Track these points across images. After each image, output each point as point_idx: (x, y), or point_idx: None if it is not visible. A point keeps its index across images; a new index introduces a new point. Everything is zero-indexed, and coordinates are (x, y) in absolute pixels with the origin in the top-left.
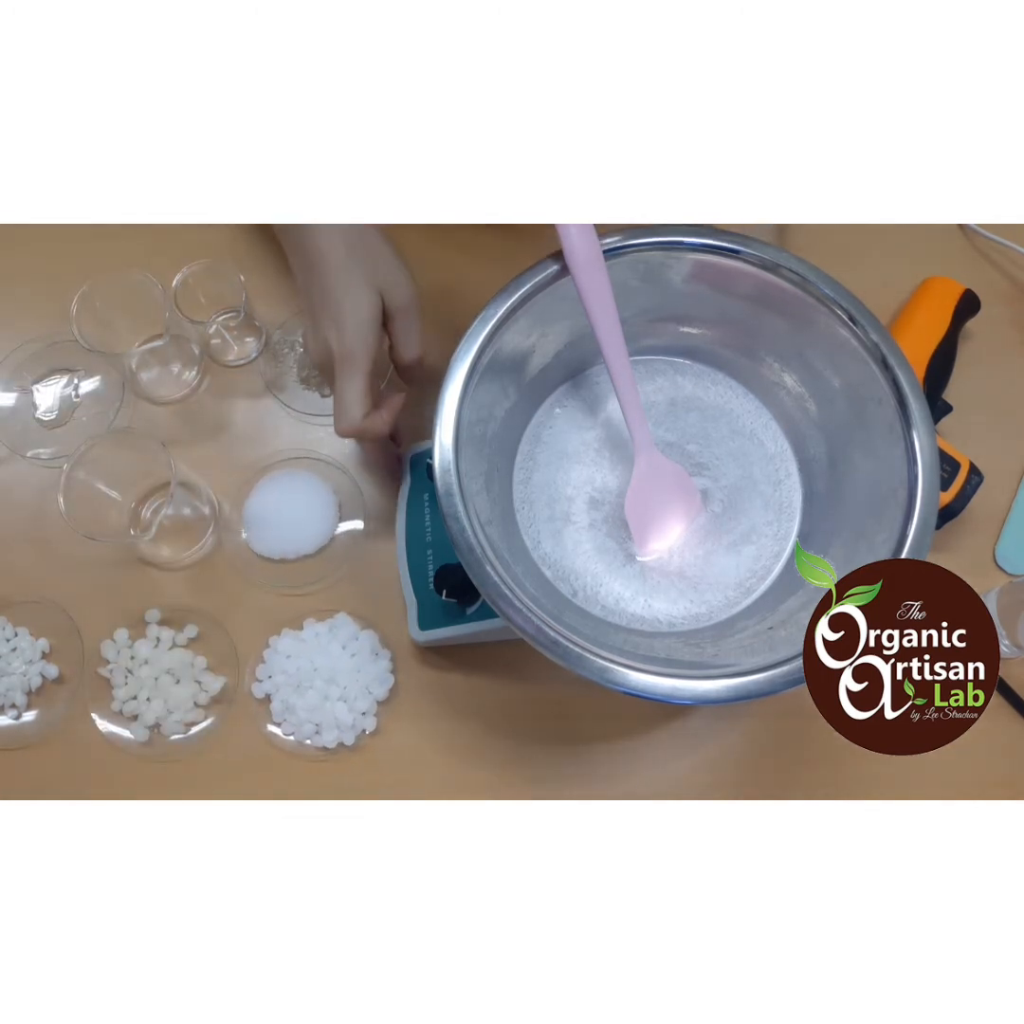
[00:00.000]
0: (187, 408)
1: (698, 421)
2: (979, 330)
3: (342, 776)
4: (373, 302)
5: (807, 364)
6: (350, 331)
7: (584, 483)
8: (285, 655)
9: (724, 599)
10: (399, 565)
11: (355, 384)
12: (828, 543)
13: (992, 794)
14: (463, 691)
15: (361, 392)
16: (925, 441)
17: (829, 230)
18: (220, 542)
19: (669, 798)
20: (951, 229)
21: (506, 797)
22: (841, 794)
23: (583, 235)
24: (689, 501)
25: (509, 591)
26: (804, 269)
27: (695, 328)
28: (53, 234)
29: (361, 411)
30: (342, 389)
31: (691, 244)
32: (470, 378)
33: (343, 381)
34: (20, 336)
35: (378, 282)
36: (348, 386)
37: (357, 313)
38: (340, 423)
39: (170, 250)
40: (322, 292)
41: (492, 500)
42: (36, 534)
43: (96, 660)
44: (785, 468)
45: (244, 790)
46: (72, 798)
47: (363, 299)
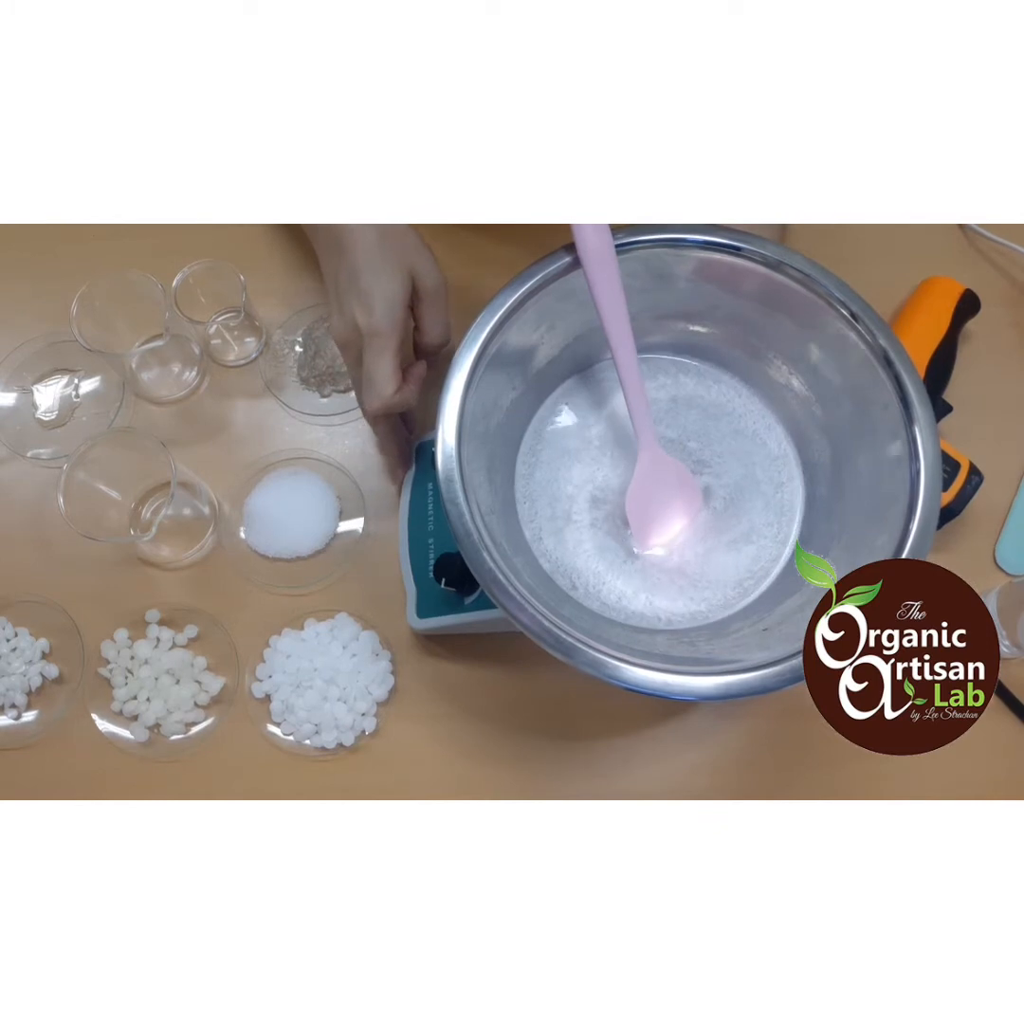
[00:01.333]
0: (187, 408)
1: (699, 419)
2: (979, 330)
3: (342, 776)
4: (404, 281)
5: (813, 366)
6: (380, 307)
7: (586, 481)
8: (285, 655)
9: (723, 598)
10: (400, 552)
11: (386, 359)
12: (829, 545)
13: (992, 794)
14: (463, 691)
15: (392, 367)
16: (928, 444)
17: (830, 230)
18: (220, 542)
19: (669, 797)
20: (951, 229)
21: (506, 797)
22: (841, 794)
23: (597, 232)
24: (690, 498)
25: (505, 579)
26: (810, 268)
27: (702, 326)
28: (53, 234)
29: (392, 387)
30: (373, 364)
31: (696, 241)
32: (476, 368)
33: (374, 356)
34: (20, 336)
35: (408, 264)
36: (379, 361)
37: (388, 290)
38: (372, 400)
39: (170, 250)
40: (351, 272)
41: (494, 492)
42: (36, 534)
43: (96, 660)
44: (788, 471)
45: (244, 790)
46: (72, 798)
47: (395, 277)
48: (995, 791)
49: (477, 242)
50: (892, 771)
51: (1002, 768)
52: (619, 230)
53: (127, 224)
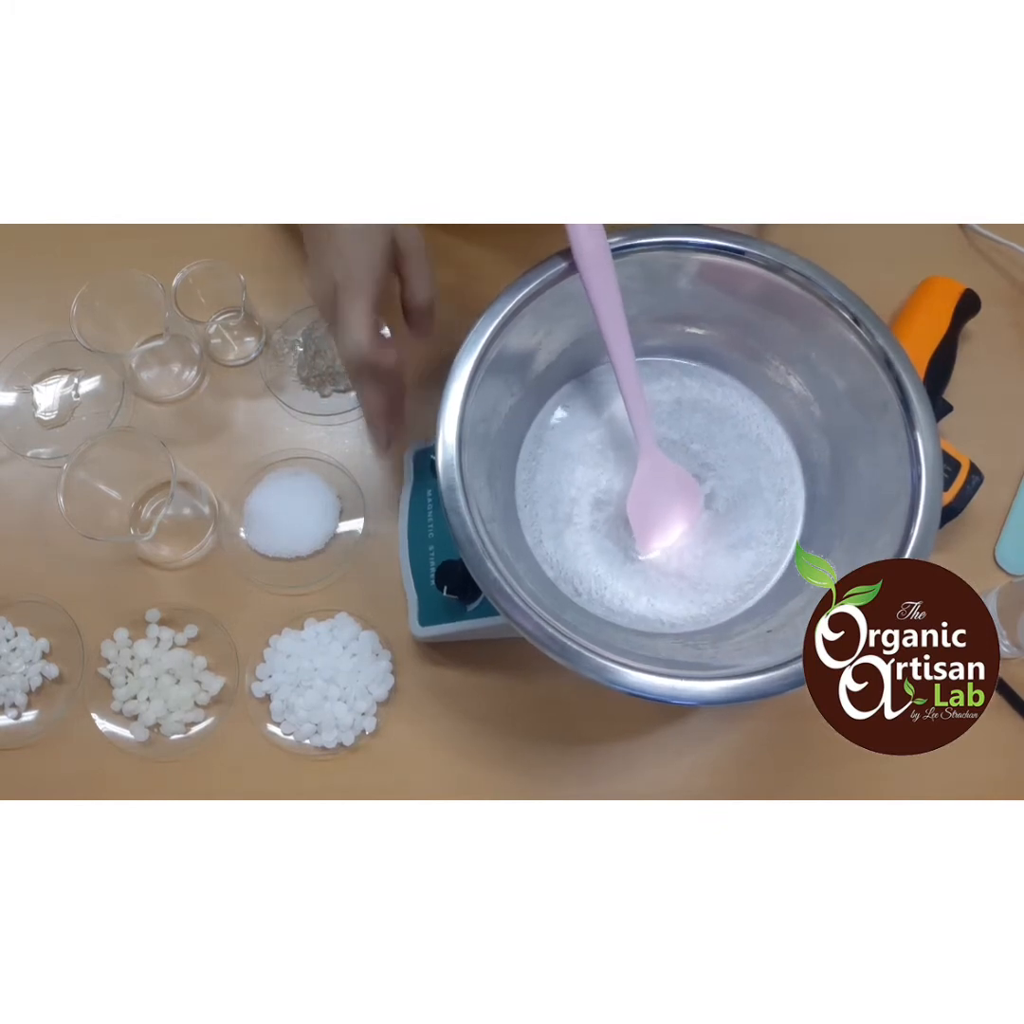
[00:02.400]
0: (187, 408)
1: (703, 422)
2: (979, 330)
3: (342, 776)
4: (383, 238)
5: (813, 367)
6: (355, 258)
7: (589, 484)
8: (285, 654)
9: (723, 601)
10: (401, 560)
11: (358, 305)
12: (830, 546)
13: (992, 794)
14: (463, 692)
15: (365, 314)
16: (929, 445)
17: (830, 230)
18: (220, 542)
19: (669, 798)
20: (951, 229)
21: (506, 797)
22: (841, 794)
23: (592, 233)
24: (691, 503)
25: (508, 587)
26: (809, 270)
27: (701, 329)
28: (53, 234)
29: (366, 334)
30: (346, 310)
31: (696, 244)
32: (475, 374)
33: (347, 302)
34: (20, 336)
35: (388, 227)
36: (352, 306)
37: (367, 243)
38: (345, 348)
39: (170, 250)
40: (330, 233)
41: (494, 497)
42: (36, 534)
43: (96, 660)
44: (790, 475)
45: (244, 790)
46: (72, 798)
47: (373, 234)
48: (995, 791)
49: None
50: (892, 771)
51: (1002, 768)
52: (617, 232)
53: (127, 224)
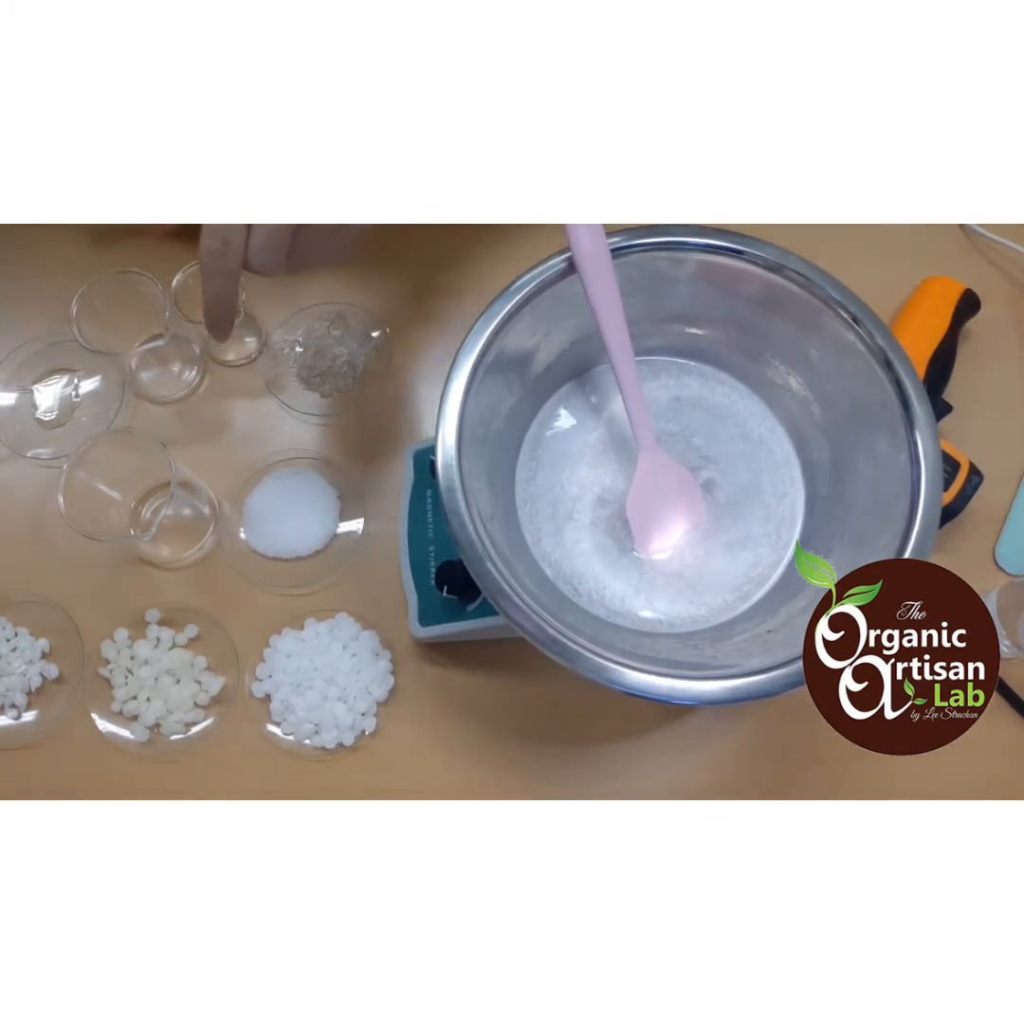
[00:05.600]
0: (187, 408)
1: (704, 419)
2: (979, 330)
3: (342, 776)
4: None
5: (812, 367)
6: None
7: (592, 483)
8: (285, 654)
9: (722, 602)
10: (401, 561)
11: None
12: (830, 546)
13: (992, 794)
14: (463, 692)
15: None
16: (928, 445)
17: (829, 230)
18: (220, 542)
19: (669, 798)
20: (951, 229)
21: (506, 797)
22: (841, 794)
23: (591, 233)
24: (691, 502)
25: (508, 587)
26: (808, 270)
27: (700, 329)
28: (53, 234)
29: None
30: None
31: (695, 244)
32: (474, 375)
33: None
34: (20, 336)
35: None
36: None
37: None
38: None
39: (170, 250)
40: None
41: (494, 497)
42: (36, 534)
43: (96, 660)
44: (790, 477)
45: (244, 790)
46: (72, 798)
47: None
48: (995, 791)
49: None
50: (892, 771)
51: (1002, 768)
52: (616, 233)
53: (127, 224)
